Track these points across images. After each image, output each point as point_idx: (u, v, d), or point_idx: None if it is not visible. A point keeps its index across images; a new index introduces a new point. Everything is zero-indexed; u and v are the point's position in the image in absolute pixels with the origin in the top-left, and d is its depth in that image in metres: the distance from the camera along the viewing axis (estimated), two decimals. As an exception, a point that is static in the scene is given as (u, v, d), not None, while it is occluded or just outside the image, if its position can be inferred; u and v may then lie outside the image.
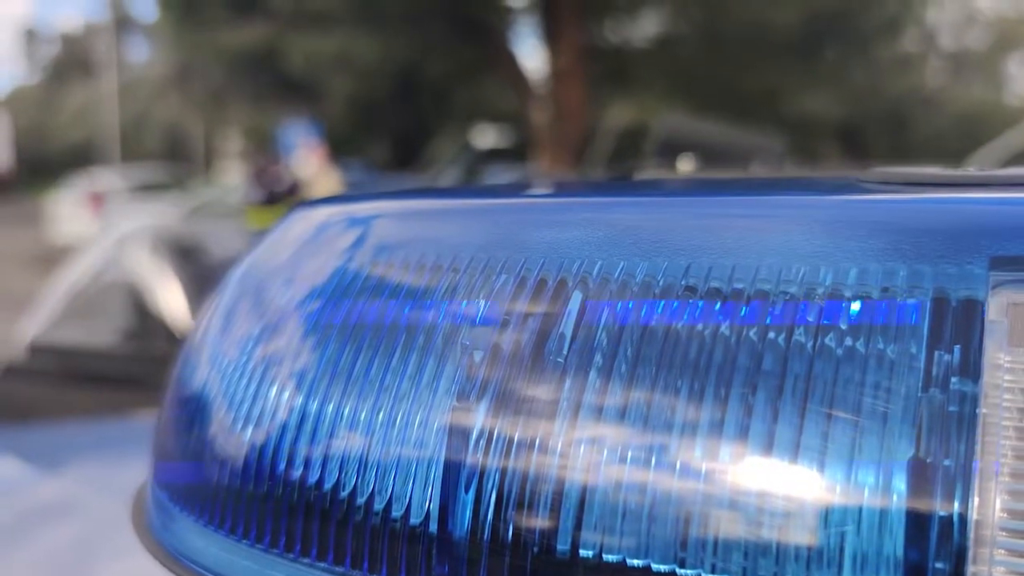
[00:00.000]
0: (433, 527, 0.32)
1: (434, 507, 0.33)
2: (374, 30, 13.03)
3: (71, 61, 40.96)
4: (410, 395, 0.34)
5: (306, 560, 0.34)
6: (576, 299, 0.34)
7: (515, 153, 14.06)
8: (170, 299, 0.81)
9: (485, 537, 0.32)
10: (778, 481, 0.29)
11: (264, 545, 0.35)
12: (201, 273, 0.81)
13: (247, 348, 0.40)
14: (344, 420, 0.35)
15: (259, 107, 17.11)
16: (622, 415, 0.31)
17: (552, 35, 14.79)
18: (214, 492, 0.37)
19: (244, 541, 0.36)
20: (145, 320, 0.86)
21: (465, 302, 0.35)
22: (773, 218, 0.35)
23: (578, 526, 0.31)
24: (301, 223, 0.46)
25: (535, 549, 0.31)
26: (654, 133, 0.69)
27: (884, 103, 24.68)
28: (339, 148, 11.71)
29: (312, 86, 14.84)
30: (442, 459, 0.33)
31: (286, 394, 0.37)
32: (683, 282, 0.33)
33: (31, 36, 43.23)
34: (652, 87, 16.63)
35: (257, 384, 0.38)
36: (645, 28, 16.77)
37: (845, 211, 0.34)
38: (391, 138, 21.99)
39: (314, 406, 0.36)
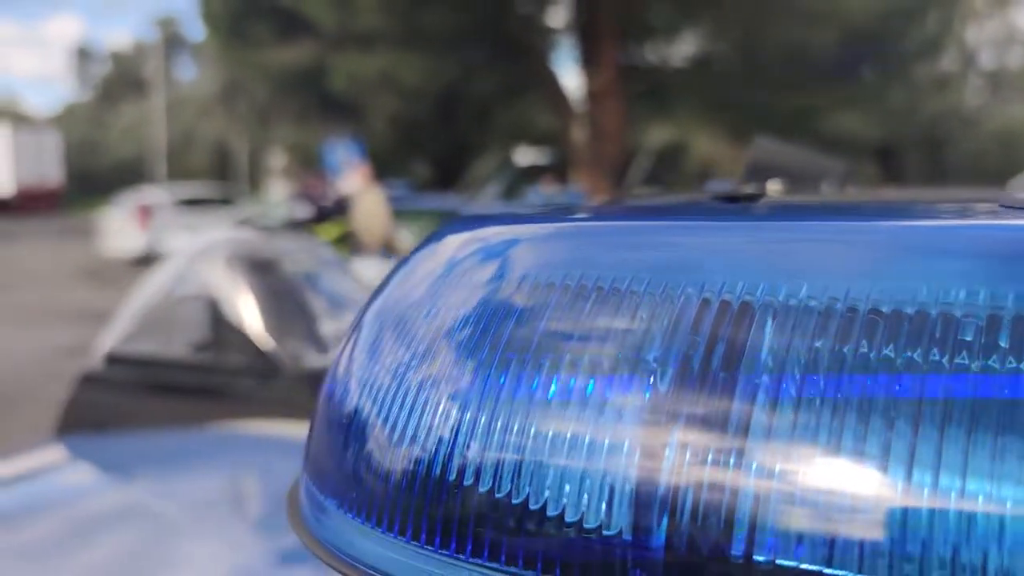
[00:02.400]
0: (627, 537, 0.33)
1: (626, 521, 0.33)
2: (417, 51, 13.13)
3: (121, 79, 41.77)
4: (601, 412, 0.35)
5: (494, 564, 0.35)
6: (762, 321, 0.34)
7: (554, 171, 14.10)
8: (246, 312, 0.83)
9: (680, 551, 0.32)
10: (977, 502, 0.30)
11: (450, 551, 0.36)
12: (276, 286, 0.83)
13: (414, 362, 0.41)
14: (531, 438, 0.36)
15: (303, 125, 17.29)
16: (815, 436, 0.32)
17: (591, 56, 14.83)
18: (393, 500, 0.39)
19: (428, 547, 0.37)
20: (221, 332, 0.87)
21: (647, 324, 0.36)
22: (934, 243, 0.35)
23: (775, 537, 0.31)
24: (451, 245, 0.46)
25: (732, 561, 0.32)
26: (746, 156, 0.70)
27: (922, 122, 24.38)
28: (381, 167, 11.78)
29: (355, 105, 14.98)
30: (634, 475, 0.33)
31: (469, 413, 0.38)
32: (867, 305, 0.33)
33: (83, 55, 44.17)
34: (689, 107, 16.60)
35: (438, 401, 0.39)
36: (683, 49, 16.76)
37: (1004, 236, 0.35)
38: (432, 157, 22.12)
39: (498, 424, 0.37)
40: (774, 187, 0.68)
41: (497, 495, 0.36)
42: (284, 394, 0.76)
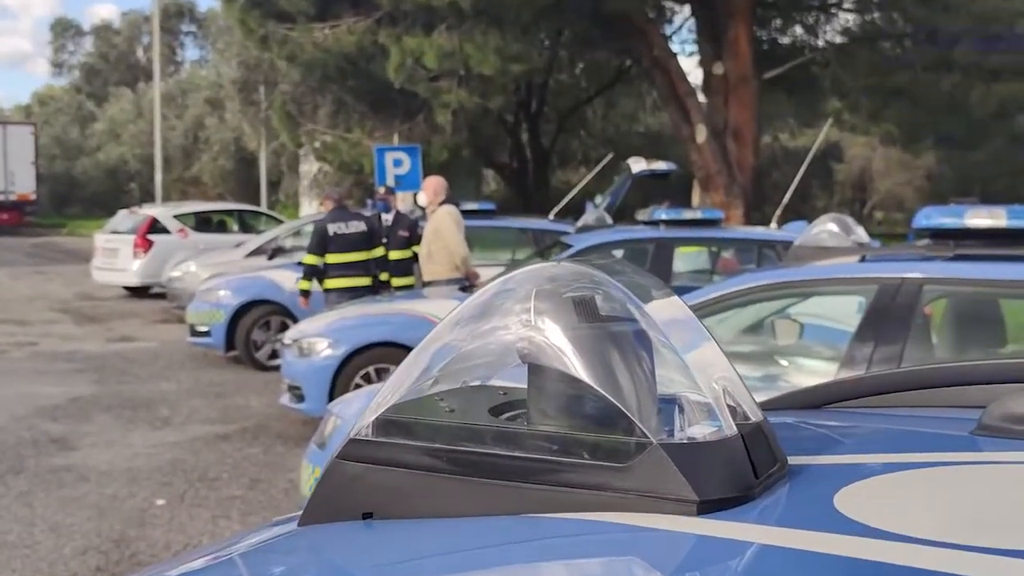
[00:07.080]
0: None
1: None
2: (493, 29, 13.19)
3: (108, 60, 43.04)
4: None
5: None
6: None
7: (670, 181, 14.17)
8: (578, 367, 0.78)
9: None
10: None
11: None
12: (614, 332, 0.81)
13: None
14: None
15: (342, 123, 17.49)
16: None
17: (718, 34, 14.84)
18: None
19: None
20: (539, 394, 0.83)
21: None
22: None
23: None
24: None
25: None
26: None
27: None
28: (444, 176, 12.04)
29: (411, 99, 15.17)
30: None
31: None
32: None
33: (60, 28, 45.55)
34: (847, 97, 16.53)
35: None
36: (840, 22, 16.72)
37: None
38: (504, 167, 22.39)
39: None
40: None
41: None
42: (641, 478, 0.72)
